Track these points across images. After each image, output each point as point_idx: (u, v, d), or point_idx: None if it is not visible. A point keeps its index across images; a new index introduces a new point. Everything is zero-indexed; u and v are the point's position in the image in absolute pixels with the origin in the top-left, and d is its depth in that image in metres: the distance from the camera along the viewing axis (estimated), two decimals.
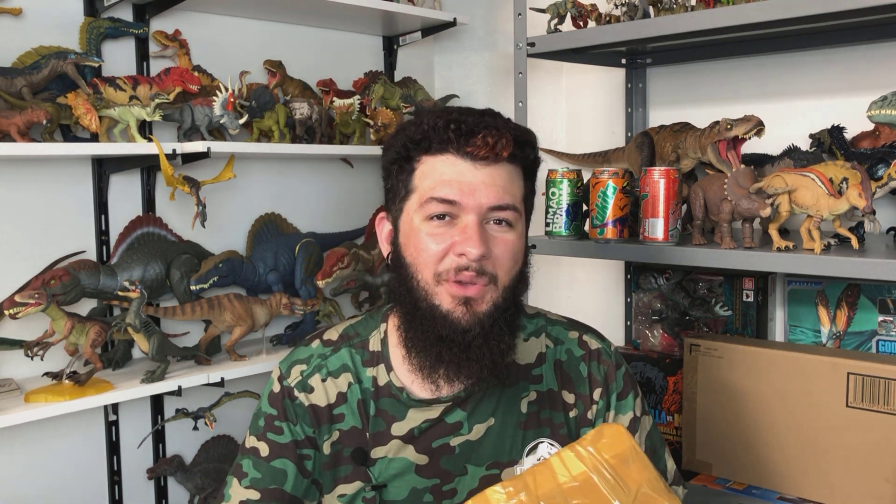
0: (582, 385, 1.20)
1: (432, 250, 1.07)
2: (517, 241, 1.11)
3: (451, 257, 1.06)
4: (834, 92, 1.81)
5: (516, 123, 1.14)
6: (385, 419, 1.16)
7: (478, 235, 1.05)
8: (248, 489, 1.15)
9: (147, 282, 1.79)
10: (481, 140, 1.06)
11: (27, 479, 1.78)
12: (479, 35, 2.50)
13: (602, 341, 1.24)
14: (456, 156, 1.07)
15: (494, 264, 1.08)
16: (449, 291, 1.07)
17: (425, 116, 1.11)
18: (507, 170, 1.09)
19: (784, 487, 1.59)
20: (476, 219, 1.06)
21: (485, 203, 1.06)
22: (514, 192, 1.10)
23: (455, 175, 1.07)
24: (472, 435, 1.16)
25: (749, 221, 1.52)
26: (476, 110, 1.13)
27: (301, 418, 1.17)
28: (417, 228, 1.09)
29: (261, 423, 1.18)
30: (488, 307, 1.08)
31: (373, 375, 1.17)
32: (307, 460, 1.17)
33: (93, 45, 1.78)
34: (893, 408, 1.45)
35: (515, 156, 1.10)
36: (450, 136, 1.07)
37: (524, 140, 1.12)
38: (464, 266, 1.05)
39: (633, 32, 1.66)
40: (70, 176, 1.83)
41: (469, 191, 1.06)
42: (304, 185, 2.23)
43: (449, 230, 1.07)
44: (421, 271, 1.08)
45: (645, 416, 1.22)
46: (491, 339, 1.08)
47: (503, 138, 1.08)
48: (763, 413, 1.60)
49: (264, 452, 1.16)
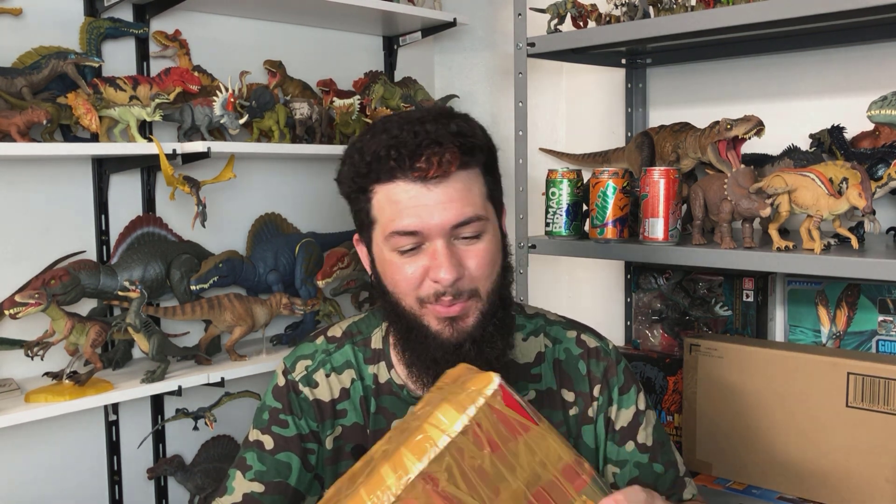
0: (581, 383, 1.20)
1: (408, 279, 1.06)
2: (490, 245, 1.08)
3: (428, 282, 1.06)
4: (834, 92, 1.81)
5: (461, 123, 1.07)
6: (385, 416, 1.17)
7: (447, 260, 1.03)
8: (253, 482, 1.14)
9: (147, 282, 1.79)
10: (425, 162, 1.02)
11: (27, 479, 1.78)
12: (479, 35, 2.51)
13: (600, 340, 1.24)
14: (406, 181, 1.03)
15: (472, 279, 1.06)
16: (434, 314, 1.07)
17: (366, 142, 1.06)
18: (461, 179, 1.05)
19: (784, 487, 1.59)
20: (443, 241, 1.04)
21: (447, 223, 1.03)
22: (475, 200, 1.06)
23: (410, 202, 1.03)
24: None
25: (749, 221, 1.52)
26: (417, 118, 1.05)
27: (305, 412, 1.17)
28: (389, 260, 1.08)
29: (265, 417, 1.18)
30: (475, 320, 1.08)
31: (374, 372, 1.18)
32: (311, 454, 1.17)
33: (93, 45, 1.78)
34: (893, 408, 1.45)
35: (467, 162, 1.05)
36: (392, 164, 1.03)
37: (471, 145, 1.05)
38: (441, 292, 1.05)
39: (633, 32, 1.66)
40: (70, 176, 1.83)
41: (428, 216, 1.03)
42: (304, 185, 2.23)
43: (419, 257, 1.06)
44: (403, 298, 1.09)
45: (649, 409, 1.22)
46: (484, 348, 1.08)
47: (447, 153, 1.02)
48: (763, 413, 1.60)
49: (269, 445, 1.16)
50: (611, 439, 1.20)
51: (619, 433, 1.19)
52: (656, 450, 1.20)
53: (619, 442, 1.19)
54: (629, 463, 1.19)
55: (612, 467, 1.19)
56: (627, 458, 1.19)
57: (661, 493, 1.16)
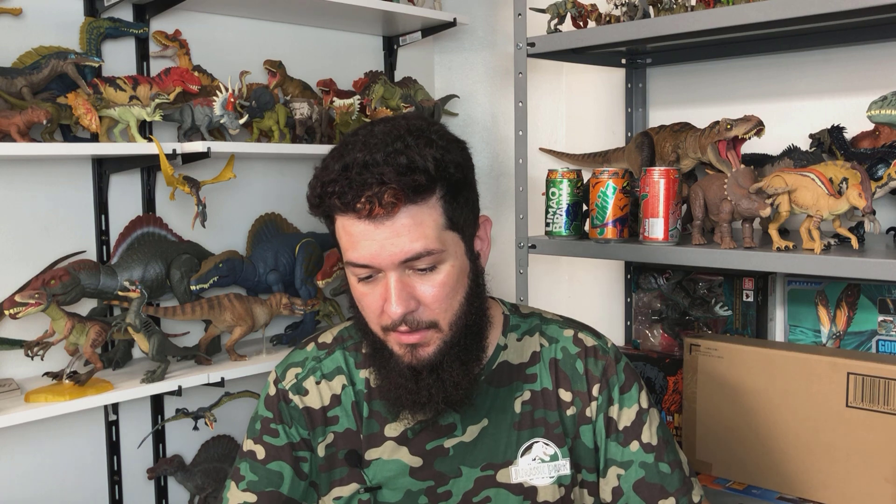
0: (579, 382, 1.19)
1: (370, 308, 1.08)
2: (447, 277, 1.05)
3: (386, 314, 1.06)
4: (834, 92, 1.81)
5: (414, 155, 1.01)
6: (378, 420, 1.16)
7: (397, 295, 1.03)
8: (245, 492, 1.15)
9: (147, 282, 1.79)
10: (367, 202, 0.99)
11: (27, 478, 1.78)
12: (479, 35, 2.51)
13: (598, 338, 1.23)
14: (354, 217, 1.02)
15: (429, 311, 1.06)
16: (395, 340, 1.08)
17: (321, 171, 1.06)
18: (409, 215, 1.01)
19: (784, 487, 1.59)
20: (396, 275, 1.03)
21: (395, 259, 1.02)
22: (426, 233, 1.02)
23: (360, 236, 1.03)
24: (465, 436, 1.16)
25: (749, 221, 1.52)
26: (374, 143, 1.02)
27: (296, 420, 1.17)
28: (353, 285, 1.10)
29: (257, 427, 1.19)
30: (436, 348, 1.08)
31: (366, 377, 1.18)
32: (303, 462, 1.17)
33: (93, 45, 1.78)
34: (893, 408, 1.45)
35: (416, 198, 1.01)
36: (335, 203, 1.02)
37: (415, 185, 1.00)
38: (398, 322, 1.05)
39: (633, 32, 1.66)
40: (70, 176, 1.83)
41: (378, 250, 1.02)
42: (304, 185, 2.20)
43: (377, 286, 1.06)
44: (369, 324, 1.11)
45: (652, 408, 1.21)
46: (444, 375, 1.08)
47: (387, 193, 0.99)
48: (763, 413, 1.60)
49: (261, 455, 1.17)
50: (614, 440, 1.17)
51: (623, 433, 1.17)
52: (662, 449, 1.18)
53: (624, 442, 1.17)
54: (634, 463, 1.16)
55: (617, 469, 1.17)
56: (633, 459, 1.16)
57: (669, 494, 1.16)
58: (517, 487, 1.15)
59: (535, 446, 1.17)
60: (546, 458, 1.16)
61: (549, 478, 1.16)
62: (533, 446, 1.16)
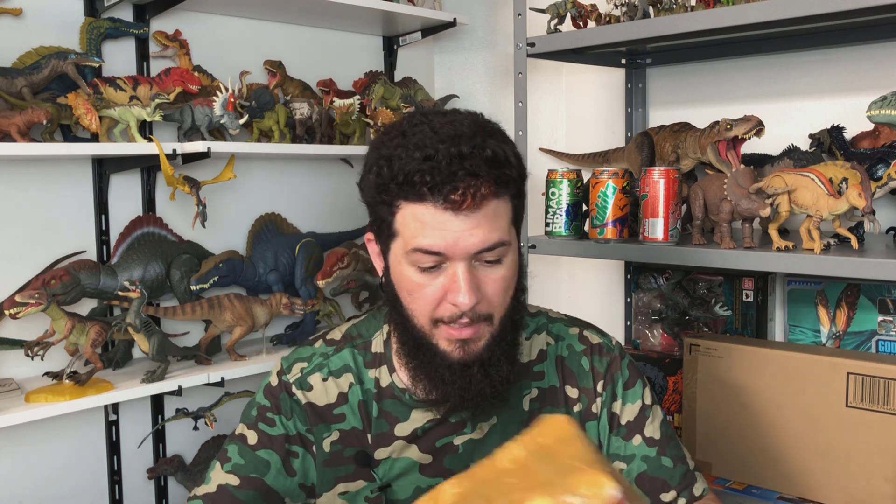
0: (585, 379, 1.19)
1: (426, 298, 1.05)
2: (508, 271, 1.06)
3: (445, 304, 1.04)
4: (834, 92, 1.81)
5: (496, 148, 1.02)
6: (388, 420, 1.16)
7: (468, 285, 1.01)
8: (229, 474, 1.14)
9: (147, 282, 1.79)
10: (461, 195, 0.98)
11: (27, 478, 1.78)
12: (479, 35, 2.51)
13: (603, 336, 1.24)
14: (435, 206, 0.99)
15: (489, 304, 1.05)
16: (446, 335, 1.06)
17: (396, 154, 1.01)
18: (491, 208, 1.02)
19: (784, 487, 1.59)
20: (465, 265, 1.02)
21: (471, 248, 1.01)
22: (502, 226, 1.04)
23: (437, 224, 1.00)
24: (475, 434, 1.16)
25: (749, 221, 1.52)
26: (452, 135, 1.00)
27: (296, 414, 1.17)
28: (408, 276, 1.05)
29: (253, 413, 1.18)
30: (486, 343, 1.07)
31: (375, 377, 1.17)
32: (294, 458, 1.17)
33: (93, 45, 1.79)
34: (893, 408, 1.45)
35: (500, 192, 1.02)
36: (424, 189, 0.99)
37: (506, 178, 1.02)
38: (458, 314, 1.04)
39: (633, 32, 1.66)
40: (70, 176, 1.83)
41: (454, 241, 1.00)
42: (304, 185, 2.23)
43: (439, 277, 1.04)
44: (417, 316, 1.07)
45: (655, 404, 1.22)
46: (491, 371, 1.07)
47: (483, 186, 0.99)
48: (763, 413, 1.60)
49: (252, 441, 1.16)
50: (617, 434, 1.19)
51: (626, 427, 1.18)
52: (664, 443, 1.19)
53: (626, 437, 1.18)
54: (636, 457, 1.18)
55: (620, 463, 1.18)
56: (635, 453, 1.18)
57: (671, 487, 1.17)
58: None
59: None
60: None
61: None
62: None
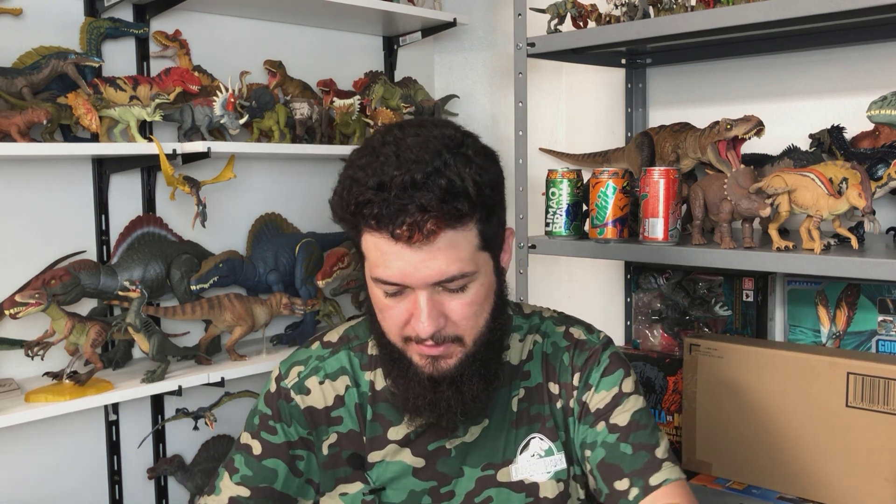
0: (565, 374, 1.18)
1: (394, 319, 1.06)
2: (475, 297, 1.05)
3: (411, 326, 1.05)
4: (834, 92, 1.81)
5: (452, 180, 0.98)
6: (382, 424, 1.16)
7: (428, 314, 1.02)
8: (239, 485, 1.16)
9: (147, 282, 1.79)
10: (407, 229, 0.97)
11: (27, 479, 1.78)
12: (479, 35, 2.51)
13: (590, 333, 1.22)
14: (388, 238, 0.99)
15: (456, 327, 1.05)
16: (417, 351, 1.07)
17: (355, 185, 1.00)
18: (446, 240, 0.99)
19: (784, 487, 1.59)
20: (426, 293, 1.02)
21: (428, 280, 1.01)
22: (461, 256, 1.01)
23: (394, 255, 1.00)
24: (467, 437, 1.16)
25: (749, 221, 1.52)
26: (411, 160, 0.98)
27: (296, 419, 1.17)
28: (377, 296, 1.07)
29: (256, 422, 1.19)
30: (457, 361, 1.07)
31: (370, 379, 1.18)
32: (300, 461, 1.17)
33: (93, 45, 1.78)
34: (893, 408, 1.45)
35: (455, 225, 0.99)
36: (372, 223, 0.99)
37: (458, 213, 0.98)
38: (423, 339, 1.04)
39: (633, 32, 1.66)
40: (70, 176, 1.83)
41: (410, 271, 1.00)
42: (304, 185, 2.23)
43: (404, 301, 1.04)
44: (388, 333, 1.09)
45: (635, 395, 1.17)
46: (463, 388, 1.07)
47: (429, 221, 0.97)
48: (763, 413, 1.60)
49: (257, 451, 1.17)
50: (584, 422, 1.15)
51: (594, 415, 1.15)
52: (629, 430, 1.13)
53: (592, 424, 1.14)
54: (598, 444, 1.13)
55: (587, 450, 1.15)
56: (596, 439, 1.13)
57: (624, 474, 1.10)
58: (518, 485, 1.15)
59: (532, 442, 1.17)
60: (542, 454, 1.16)
61: (546, 473, 1.16)
62: (530, 442, 1.17)
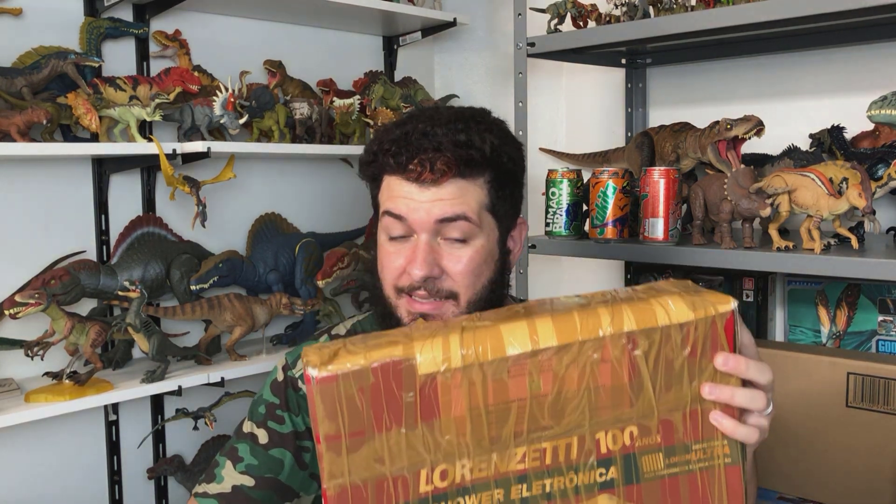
0: None
1: (391, 266, 1.10)
2: (476, 254, 1.09)
3: (407, 274, 1.08)
4: (834, 92, 1.81)
5: (474, 134, 1.08)
6: None
7: (423, 256, 1.06)
8: (244, 475, 1.14)
9: (147, 282, 1.79)
10: (418, 165, 1.05)
11: (27, 479, 1.78)
12: (479, 35, 2.51)
13: None
14: (402, 178, 1.07)
15: (452, 281, 1.08)
16: (405, 306, 1.10)
17: (375, 139, 1.12)
18: (456, 185, 1.07)
19: (784, 487, 1.59)
20: (426, 237, 1.07)
21: (431, 218, 1.06)
22: (468, 203, 1.07)
23: (403, 193, 1.07)
24: None
25: (749, 221, 1.52)
26: (438, 118, 1.09)
27: (303, 410, 1.17)
28: (381, 244, 1.12)
29: (261, 411, 1.19)
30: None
31: None
32: (305, 452, 1.17)
33: (93, 45, 1.78)
34: (893, 408, 1.45)
35: (465, 173, 1.07)
36: (389, 161, 1.08)
37: (468, 158, 1.06)
38: (416, 286, 1.08)
39: (633, 32, 1.66)
40: (70, 176, 1.83)
41: (415, 208, 1.06)
42: (304, 185, 2.23)
43: (404, 248, 1.09)
44: (385, 284, 1.12)
45: None
46: None
47: (440, 161, 1.05)
48: None
49: (263, 440, 1.16)
50: None
51: None
52: None
53: None
54: None
55: None
56: None
57: None
58: None
59: None
60: None
61: None
62: None
